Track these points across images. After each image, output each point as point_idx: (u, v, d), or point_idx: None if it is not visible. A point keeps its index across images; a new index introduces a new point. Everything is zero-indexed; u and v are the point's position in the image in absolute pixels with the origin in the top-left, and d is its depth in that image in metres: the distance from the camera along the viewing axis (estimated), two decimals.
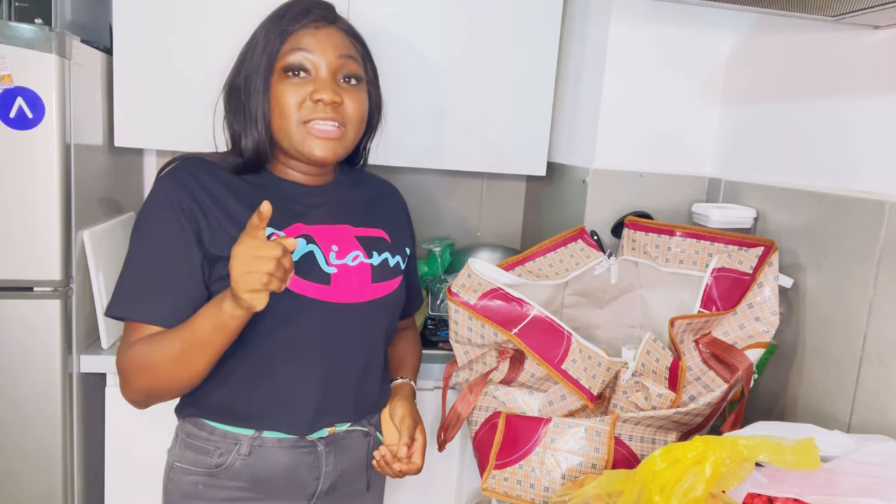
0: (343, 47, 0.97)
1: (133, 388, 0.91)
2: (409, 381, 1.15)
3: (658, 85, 1.43)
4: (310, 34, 0.95)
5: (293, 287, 0.93)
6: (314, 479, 1.02)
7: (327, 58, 0.95)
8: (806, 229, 1.14)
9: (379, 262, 1.03)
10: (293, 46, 0.95)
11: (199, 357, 0.87)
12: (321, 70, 0.95)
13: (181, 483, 1.00)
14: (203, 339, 0.86)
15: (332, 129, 0.95)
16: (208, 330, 0.85)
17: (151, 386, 0.90)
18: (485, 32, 1.58)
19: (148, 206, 0.94)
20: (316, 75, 0.95)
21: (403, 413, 1.08)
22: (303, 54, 0.95)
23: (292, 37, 0.95)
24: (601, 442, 1.00)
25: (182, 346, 0.87)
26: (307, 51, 0.95)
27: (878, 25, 1.02)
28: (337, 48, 0.96)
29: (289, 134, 0.96)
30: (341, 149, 0.98)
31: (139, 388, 0.91)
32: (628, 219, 1.26)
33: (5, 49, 1.21)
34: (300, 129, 0.95)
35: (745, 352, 1.06)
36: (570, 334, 1.05)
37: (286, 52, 0.95)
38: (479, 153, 1.64)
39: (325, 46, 0.95)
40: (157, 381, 0.89)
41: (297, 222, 0.98)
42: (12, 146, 1.24)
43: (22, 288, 1.29)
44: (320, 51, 0.95)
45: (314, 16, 0.96)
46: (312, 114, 0.94)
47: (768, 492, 0.74)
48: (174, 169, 0.97)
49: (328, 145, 0.96)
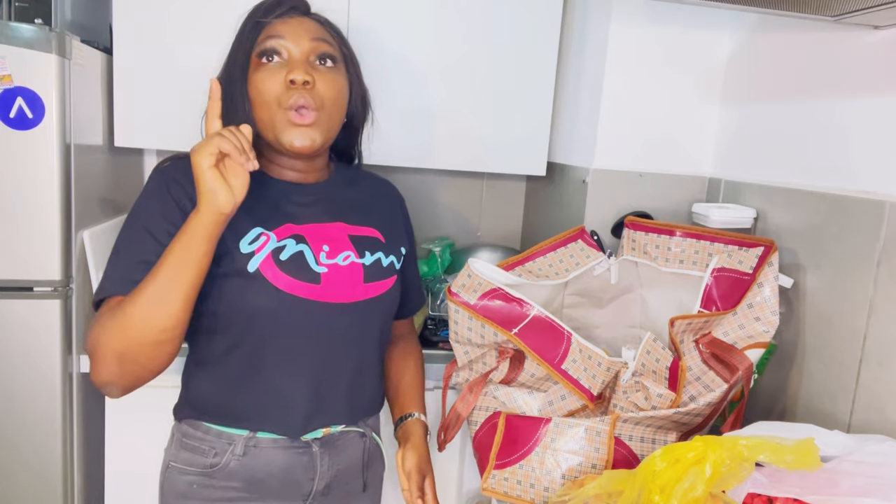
0: (315, 32, 0.98)
1: (104, 357, 0.84)
2: (419, 417, 1.10)
3: (658, 85, 1.43)
4: (282, 23, 0.97)
5: (282, 286, 0.94)
6: (309, 479, 1.02)
7: (299, 41, 0.96)
8: (806, 229, 1.14)
9: (371, 262, 1.03)
10: (266, 35, 0.96)
11: (173, 289, 0.83)
12: (294, 52, 0.96)
13: (177, 483, 1.00)
14: (175, 263, 0.83)
15: (308, 113, 0.95)
16: (178, 250, 0.83)
17: (123, 346, 0.83)
18: (485, 32, 1.58)
19: (140, 197, 0.95)
20: (289, 58, 0.96)
21: (411, 466, 1.02)
22: (275, 40, 0.96)
23: (266, 28, 0.97)
24: (601, 442, 1.00)
25: (154, 282, 0.82)
26: (279, 37, 0.96)
27: (878, 25, 1.02)
28: (309, 32, 0.98)
29: (270, 122, 0.95)
30: (319, 136, 0.96)
31: (110, 355, 0.83)
32: (628, 219, 1.26)
33: (5, 49, 1.21)
34: (281, 118, 0.94)
35: (745, 352, 1.06)
36: (570, 334, 1.05)
37: (260, 41, 0.96)
38: (479, 153, 1.64)
39: (298, 31, 0.97)
40: (130, 335, 0.82)
41: (287, 222, 0.98)
42: (12, 146, 1.24)
43: (22, 288, 1.29)
44: (292, 36, 0.96)
45: (286, 6, 0.98)
46: (289, 98, 0.94)
47: (768, 492, 0.74)
48: (166, 168, 0.97)
49: (305, 133, 0.95)
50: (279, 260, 0.95)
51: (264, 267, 0.93)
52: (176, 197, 0.93)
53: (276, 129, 0.95)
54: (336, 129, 1.01)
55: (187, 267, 0.83)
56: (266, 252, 0.94)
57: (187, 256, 0.83)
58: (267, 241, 0.95)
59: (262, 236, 0.95)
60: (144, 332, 0.83)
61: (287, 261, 0.95)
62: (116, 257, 0.92)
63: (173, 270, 0.83)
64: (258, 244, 0.95)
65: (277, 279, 0.94)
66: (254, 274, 0.93)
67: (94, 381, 0.87)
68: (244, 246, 0.94)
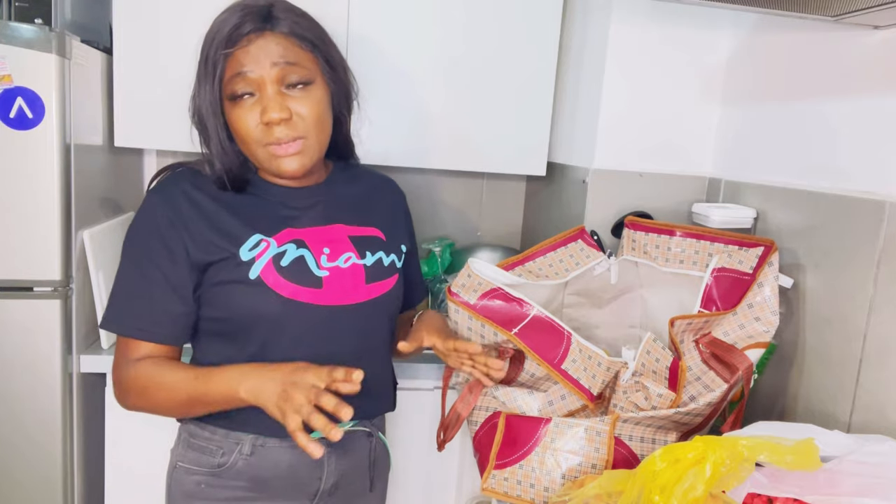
0: (280, 55, 0.92)
1: (131, 403, 0.96)
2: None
3: (658, 85, 1.43)
4: (244, 52, 0.91)
5: (284, 292, 0.94)
6: (316, 478, 1.02)
7: (266, 71, 0.91)
8: (806, 229, 1.14)
9: (372, 263, 1.03)
10: (233, 71, 0.92)
11: (201, 410, 0.95)
12: (265, 87, 0.92)
13: (184, 483, 1.00)
14: (210, 402, 0.92)
15: (292, 144, 0.94)
16: (219, 400, 0.91)
17: (148, 409, 0.96)
18: (485, 32, 1.57)
19: (135, 223, 0.96)
20: (262, 94, 0.92)
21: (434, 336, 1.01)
22: (243, 77, 0.91)
23: (230, 60, 0.92)
24: (601, 442, 1.00)
25: (189, 398, 0.92)
26: (246, 71, 0.91)
27: (878, 25, 1.02)
28: (273, 55, 0.91)
29: (255, 156, 0.96)
30: (308, 159, 0.96)
31: (135, 406, 0.96)
32: (628, 219, 1.26)
33: (5, 49, 1.21)
34: (264, 152, 0.94)
35: (745, 352, 1.06)
36: (570, 334, 1.05)
37: (228, 78, 0.92)
38: (479, 153, 1.63)
39: (262, 59, 0.91)
40: (155, 409, 0.96)
41: (286, 227, 0.98)
42: (12, 146, 1.24)
43: (22, 288, 1.29)
44: (258, 66, 0.91)
45: (245, 29, 0.91)
46: (269, 136, 0.93)
47: (768, 492, 0.74)
48: (160, 184, 0.98)
49: (295, 160, 0.95)
50: (280, 266, 0.95)
51: (265, 274, 0.94)
52: (173, 223, 0.94)
53: (262, 162, 0.96)
54: (325, 143, 1.00)
55: (218, 408, 0.93)
56: (266, 258, 0.94)
57: (222, 406, 0.92)
58: (267, 248, 0.95)
59: (262, 242, 0.95)
60: (166, 414, 0.98)
61: (288, 266, 0.95)
62: (127, 291, 0.96)
63: (205, 404, 0.93)
64: (258, 251, 0.95)
65: (279, 286, 0.94)
66: (255, 281, 0.93)
67: (117, 399, 0.98)
68: (244, 253, 0.94)
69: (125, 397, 0.96)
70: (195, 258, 0.93)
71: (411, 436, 1.51)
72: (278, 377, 0.86)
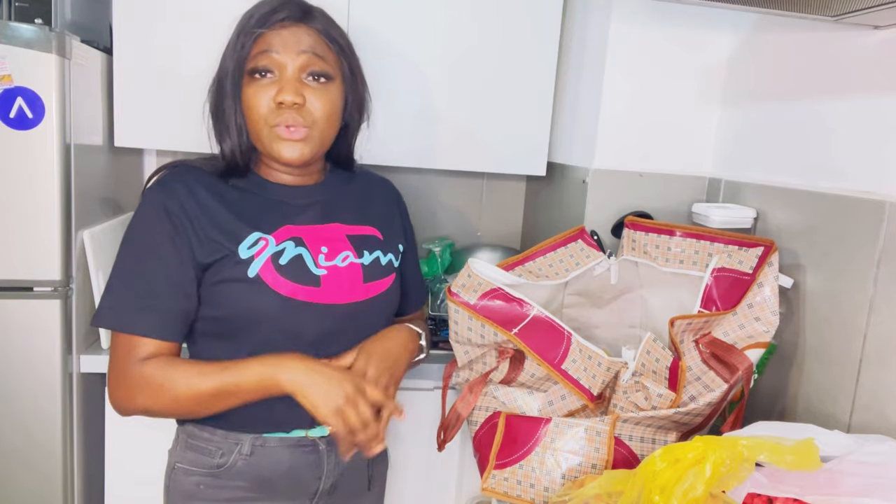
0: (309, 45, 0.95)
1: (139, 404, 0.91)
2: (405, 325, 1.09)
3: (658, 85, 1.43)
4: (276, 34, 0.94)
5: (283, 291, 0.94)
6: (316, 478, 1.02)
7: (292, 57, 0.94)
8: (806, 229, 1.14)
9: (370, 262, 1.03)
10: (260, 49, 0.94)
11: (227, 403, 0.91)
12: (286, 70, 0.94)
13: (183, 483, 1.00)
14: (242, 392, 0.90)
15: (298, 130, 0.94)
16: (252, 389, 0.89)
17: (157, 409, 0.91)
18: (485, 32, 1.57)
19: (137, 218, 0.95)
20: (281, 76, 0.94)
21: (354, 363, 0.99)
22: (268, 55, 0.94)
23: (260, 39, 0.94)
24: (601, 442, 1.00)
25: (216, 390, 0.89)
26: (272, 51, 0.94)
27: (878, 25, 1.02)
28: (303, 45, 0.95)
29: (259, 137, 0.96)
30: (309, 150, 0.97)
31: (143, 406, 0.91)
32: (628, 219, 1.26)
33: (5, 49, 1.21)
34: (269, 133, 0.95)
35: (745, 352, 1.06)
36: (570, 334, 1.05)
37: (254, 54, 0.94)
38: (479, 153, 1.63)
39: (290, 45, 0.94)
40: (167, 407, 0.91)
41: (285, 225, 0.99)
42: (12, 146, 1.24)
43: (22, 288, 1.29)
44: (285, 50, 0.94)
45: (282, 15, 0.94)
46: (277, 117, 0.94)
47: (768, 492, 0.74)
48: (161, 179, 0.97)
49: (295, 147, 0.95)
50: (279, 264, 0.95)
51: (264, 272, 0.94)
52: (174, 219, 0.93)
53: (265, 142, 0.96)
54: (329, 140, 1.01)
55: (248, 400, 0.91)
56: (265, 257, 0.94)
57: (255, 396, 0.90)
58: (266, 246, 0.95)
59: (260, 240, 0.95)
60: (179, 412, 0.93)
61: (286, 265, 0.95)
62: (126, 286, 0.93)
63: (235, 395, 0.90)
64: (257, 248, 0.95)
65: (277, 284, 0.94)
66: (254, 279, 0.93)
67: (113, 406, 0.93)
68: (243, 251, 0.94)
69: (131, 399, 0.91)
70: (199, 256, 0.93)
71: (411, 436, 1.51)
72: (336, 377, 0.88)
